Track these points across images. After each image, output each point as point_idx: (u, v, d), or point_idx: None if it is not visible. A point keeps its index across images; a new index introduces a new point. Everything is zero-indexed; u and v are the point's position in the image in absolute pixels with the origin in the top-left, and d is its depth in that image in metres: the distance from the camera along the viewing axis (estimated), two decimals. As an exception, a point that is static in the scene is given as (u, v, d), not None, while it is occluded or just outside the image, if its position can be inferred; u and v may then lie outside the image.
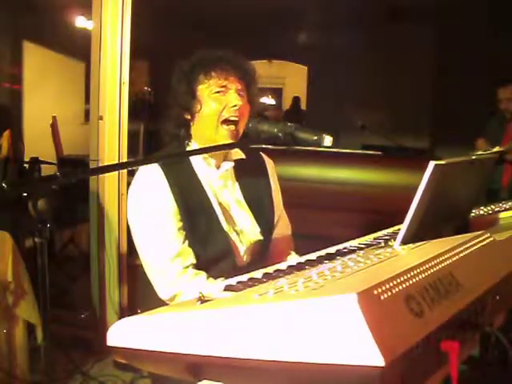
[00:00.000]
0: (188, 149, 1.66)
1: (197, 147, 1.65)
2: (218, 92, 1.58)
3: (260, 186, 1.75)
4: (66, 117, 6.24)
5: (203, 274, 1.54)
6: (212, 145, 1.58)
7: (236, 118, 1.59)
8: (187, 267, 1.54)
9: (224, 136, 1.58)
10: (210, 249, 1.57)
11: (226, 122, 1.59)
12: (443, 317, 0.76)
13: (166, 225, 1.54)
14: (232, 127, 1.59)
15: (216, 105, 1.58)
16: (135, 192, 1.59)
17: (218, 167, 1.66)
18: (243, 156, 1.72)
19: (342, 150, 4.54)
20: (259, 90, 1.70)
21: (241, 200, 1.69)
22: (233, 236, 1.62)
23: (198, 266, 1.57)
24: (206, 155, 1.63)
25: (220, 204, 1.63)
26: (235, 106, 1.58)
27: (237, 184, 1.70)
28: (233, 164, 1.68)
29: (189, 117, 1.64)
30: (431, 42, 6.75)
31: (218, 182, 1.66)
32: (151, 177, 1.56)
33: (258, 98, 1.72)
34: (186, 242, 1.56)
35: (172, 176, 1.56)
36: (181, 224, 1.55)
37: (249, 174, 1.72)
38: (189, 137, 1.67)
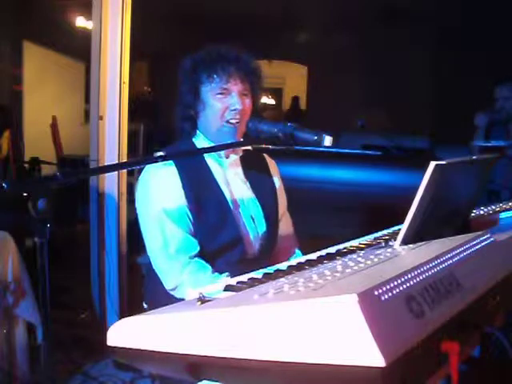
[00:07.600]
0: (195, 140, 1.70)
1: (204, 139, 1.68)
2: (220, 93, 1.60)
3: (263, 180, 1.78)
4: (66, 117, 6.25)
5: (209, 268, 1.54)
6: (216, 144, 1.61)
7: (237, 120, 1.62)
8: (192, 257, 1.55)
9: (227, 133, 1.62)
10: (220, 238, 1.59)
11: (229, 122, 1.62)
12: (443, 317, 0.76)
13: (172, 215, 1.55)
14: (235, 125, 1.62)
15: (218, 106, 1.61)
16: (144, 181, 1.62)
17: (227, 157, 1.70)
18: (249, 147, 1.75)
19: (342, 149, 4.53)
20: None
21: (250, 189, 1.72)
22: (244, 224, 1.65)
23: (207, 256, 1.58)
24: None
25: (231, 193, 1.65)
26: (235, 109, 1.60)
27: (245, 174, 1.73)
28: (241, 154, 1.72)
29: (193, 113, 1.67)
30: (431, 41, 6.75)
31: (229, 170, 1.69)
32: (161, 167, 1.58)
33: (260, 95, 1.73)
34: (192, 231, 1.57)
35: (183, 166, 1.59)
36: (188, 213, 1.57)
37: (254, 168, 1.76)
38: (194, 130, 1.70)
